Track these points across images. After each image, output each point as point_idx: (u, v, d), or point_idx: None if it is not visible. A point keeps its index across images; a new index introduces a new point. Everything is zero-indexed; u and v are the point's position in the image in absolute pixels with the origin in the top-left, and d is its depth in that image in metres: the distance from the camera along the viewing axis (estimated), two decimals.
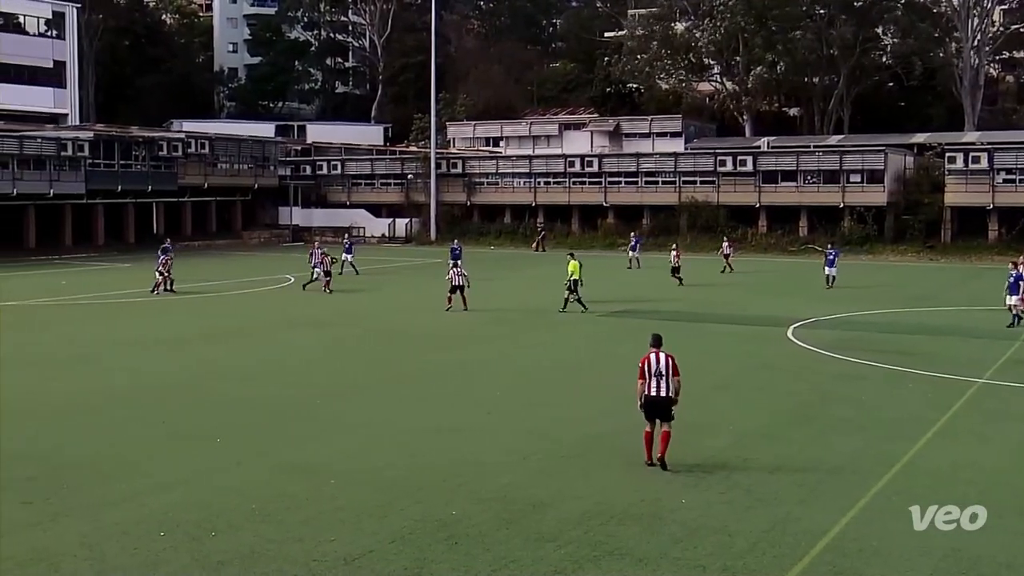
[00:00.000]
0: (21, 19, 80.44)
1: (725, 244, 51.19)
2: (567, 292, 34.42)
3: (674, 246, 47.09)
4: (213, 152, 72.56)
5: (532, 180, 73.39)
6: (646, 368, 15.24)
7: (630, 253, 51.73)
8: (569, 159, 73.03)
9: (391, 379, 23.19)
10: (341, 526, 12.85)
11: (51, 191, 61.71)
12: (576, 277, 34.47)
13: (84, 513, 13.35)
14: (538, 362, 25.44)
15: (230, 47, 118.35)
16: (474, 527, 12.82)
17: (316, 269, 40.77)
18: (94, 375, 23.57)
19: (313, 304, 37.58)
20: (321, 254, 40.90)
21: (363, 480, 14.85)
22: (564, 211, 72.46)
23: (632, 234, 56.02)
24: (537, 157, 75.97)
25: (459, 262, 37.58)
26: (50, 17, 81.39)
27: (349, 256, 47.88)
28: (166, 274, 40.23)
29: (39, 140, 62.21)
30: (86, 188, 63.55)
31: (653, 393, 15.20)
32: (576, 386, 22.33)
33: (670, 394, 15.21)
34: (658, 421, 15.30)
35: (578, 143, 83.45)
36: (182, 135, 71.99)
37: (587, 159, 72.85)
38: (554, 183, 72.70)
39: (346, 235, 56.77)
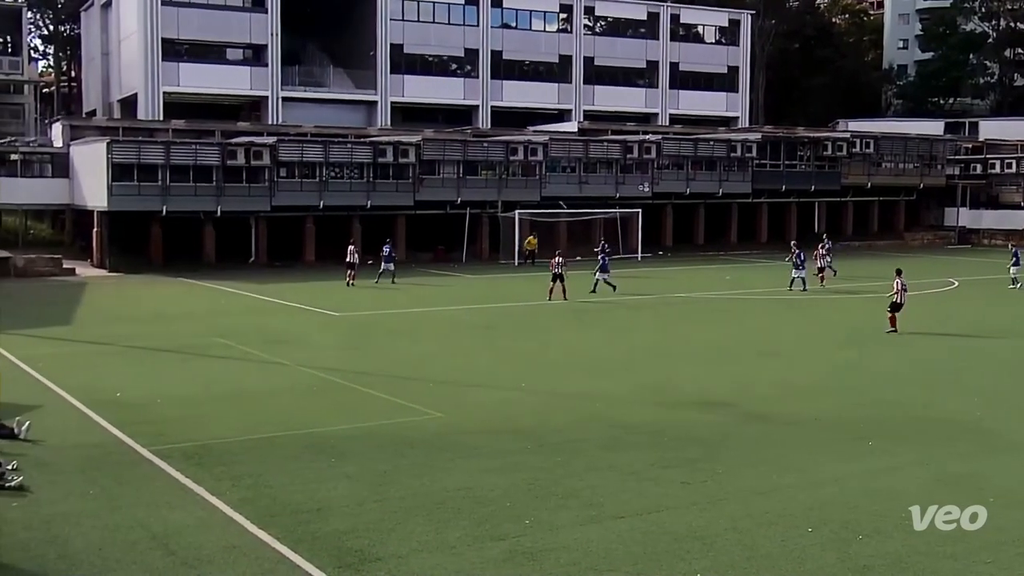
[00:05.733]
0: (700, 29, 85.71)
1: None
2: None
3: None
4: (878, 151, 71.25)
5: None
6: None
7: (1011, 270, 41.64)
8: None
9: None
10: (1000, 548, 11.99)
11: (720, 190, 64.93)
12: None
13: (737, 499, 13.86)
14: None
15: (900, 43, 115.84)
16: None
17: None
18: (742, 367, 24.53)
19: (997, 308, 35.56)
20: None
21: None
22: None
23: (1013, 246, 46.73)
24: None
25: None
26: (725, 25, 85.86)
27: (828, 260, 44.44)
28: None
29: (711, 142, 65.55)
30: (752, 188, 65.96)
31: None
32: None
33: None
34: None
35: None
36: (847, 134, 71.61)
37: None
38: None
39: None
